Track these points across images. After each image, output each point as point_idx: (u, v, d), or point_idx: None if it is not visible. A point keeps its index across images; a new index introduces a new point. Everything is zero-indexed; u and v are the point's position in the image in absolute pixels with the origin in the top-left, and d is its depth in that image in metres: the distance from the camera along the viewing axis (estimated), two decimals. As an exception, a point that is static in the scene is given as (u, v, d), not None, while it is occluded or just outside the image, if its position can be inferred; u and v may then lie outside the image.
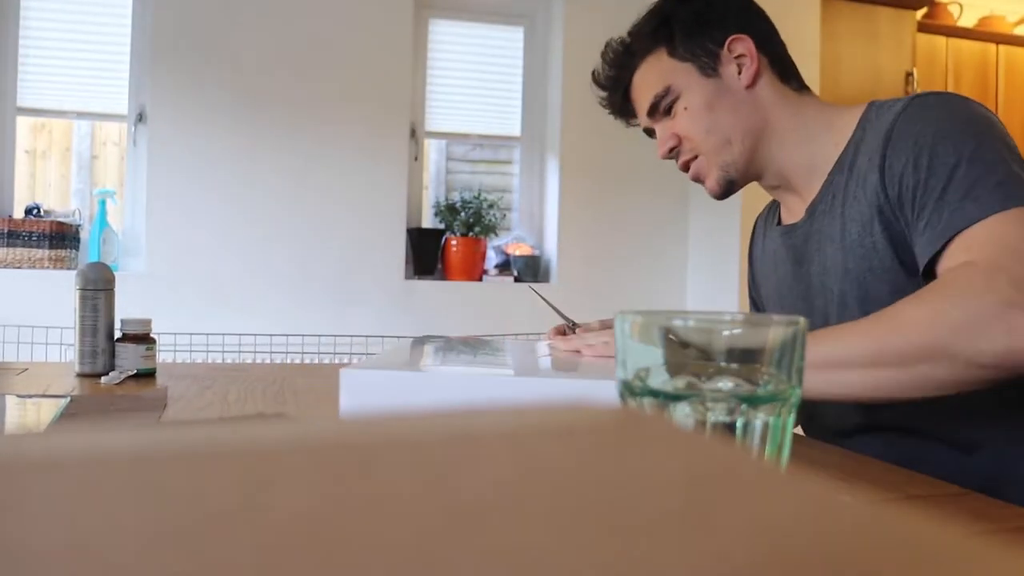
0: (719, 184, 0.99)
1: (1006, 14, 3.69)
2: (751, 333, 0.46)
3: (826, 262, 0.93)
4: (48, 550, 0.12)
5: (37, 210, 2.67)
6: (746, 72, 0.96)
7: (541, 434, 0.21)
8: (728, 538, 0.14)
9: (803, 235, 0.97)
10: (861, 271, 0.87)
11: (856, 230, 0.88)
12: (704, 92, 0.96)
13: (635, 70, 1.01)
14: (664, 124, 1.01)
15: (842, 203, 0.91)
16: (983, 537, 0.14)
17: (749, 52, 0.96)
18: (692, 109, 0.97)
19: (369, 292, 2.80)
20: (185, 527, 0.14)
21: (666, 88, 0.98)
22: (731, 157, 0.97)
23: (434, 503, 0.15)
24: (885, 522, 0.15)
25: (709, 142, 0.97)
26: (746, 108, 0.96)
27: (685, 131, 0.98)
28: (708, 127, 0.96)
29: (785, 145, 0.97)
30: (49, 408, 0.86)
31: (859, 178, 0.89)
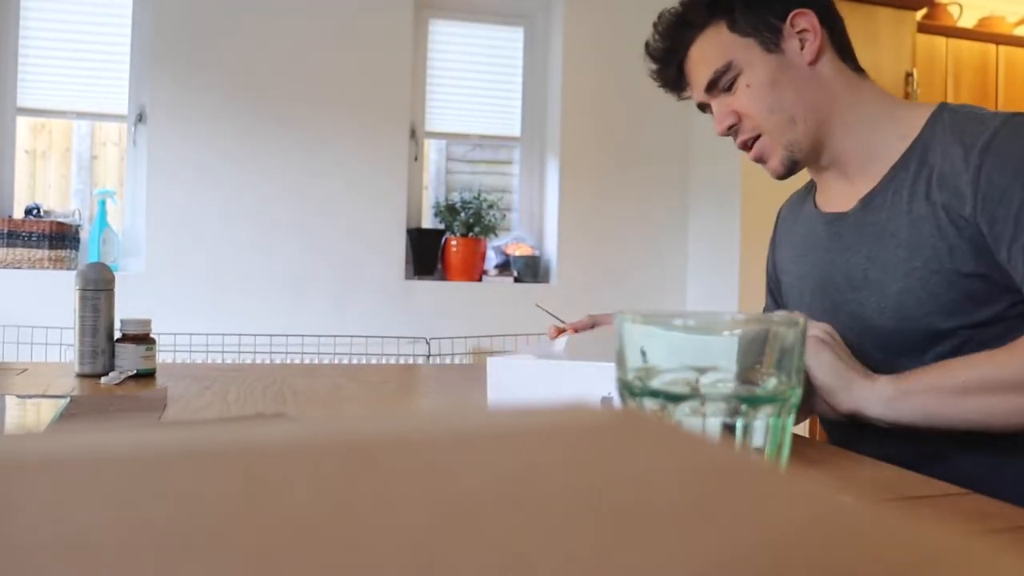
0: (784, 164, 0.96)
1: (1006, 15, 3.69)
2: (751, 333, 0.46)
3: (880, 256, 0.91)
4: (48, 550, 0.12)
5: (37, 210, 2.67)
6: (809, 48, 0.94)
7: (541, 434, 0.21)
8: (728, 539, 0.14)
9: (852, 224, 0.95)
10: (929, 272, 0.86)
11: (928, 231, 0.86)
12: (767, 68, 0.93)
13: (692, 43, 0.97)
14: (722, 100, 0.97)
15: (908, 200, 0.89)
16: (983, 537, 0.14)
17: (812, 27, 0.94)
18: (755, 86, 0.94)
19: (369, 292, 2.80)
20: (185, 527, 0.14)
21: (727, 63, 0.94)
22: (795, 136, 0.94)
23: (434, 503, 0.15)
24: (885, 522, 0.15)
25: (772, 121, 0.94)
26: (810, 85, 0.94)
27: (746, 109, 0.95)
28: (771, 105, 0.94)
29: (847, 127, 0.95)
30: (49, 408, 0.86)
31: (933, 180, 0.87)
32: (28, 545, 0.13)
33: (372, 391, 1.08)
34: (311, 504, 0.15)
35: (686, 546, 0.14)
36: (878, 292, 0.91)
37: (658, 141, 3.06)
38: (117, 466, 0.17)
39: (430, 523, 0.14)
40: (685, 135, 3.09)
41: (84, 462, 0.17)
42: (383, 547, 0.13)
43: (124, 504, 0.15)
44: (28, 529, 0.13)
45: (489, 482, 0.17)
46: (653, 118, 3.04)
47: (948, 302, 0.85)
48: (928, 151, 0.89)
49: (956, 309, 0.85)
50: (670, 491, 0.17)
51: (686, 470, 0.19)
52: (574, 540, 0.14)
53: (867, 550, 0.14)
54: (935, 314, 0.86)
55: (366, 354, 2.69)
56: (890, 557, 0.13)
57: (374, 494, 0.16)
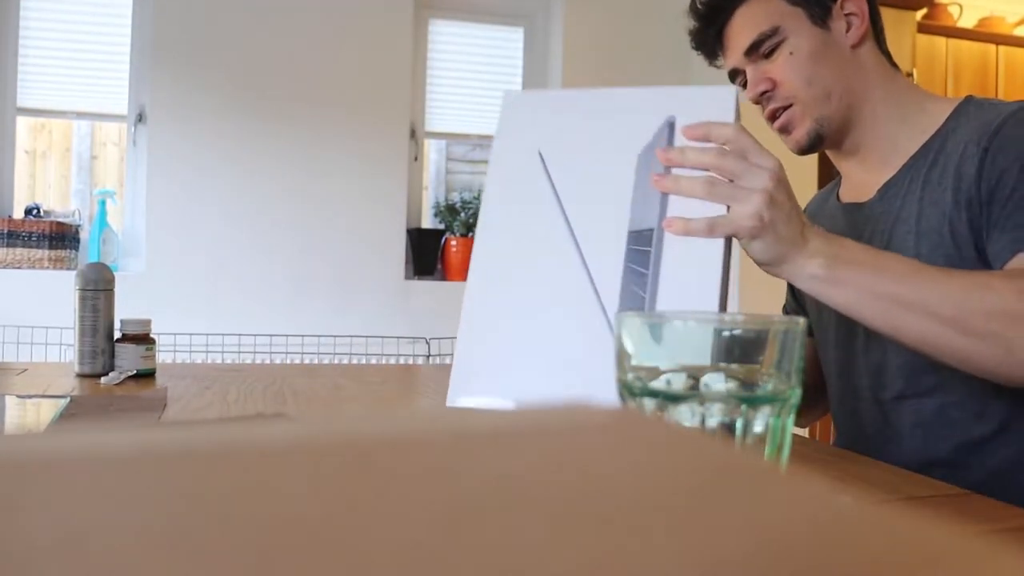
0: (808, 137, 0.95)
1: (1006, 15, 3.69)
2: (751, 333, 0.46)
3: (893, 244, 0.91)
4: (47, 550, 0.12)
5: (37, 210, 2.67)
6: (855, 31, 0.94)
7: (539, 435, 0.21)
8: (727, 539, 0.14)
9: (870, 214, 0.96)
10: (934, 258, 0.86)
11: (935, 217, 0.87)
12: (812, 40, 0.93)
13: (740, 4, 0.96)
14: (759, 66, 0.96)
15: (921, 187, 0.89)
16: (984, 537, 0.14)
17: (860, 11, 0.94)
18: (798, 55, 0.93)
19: (369, 292, 2.80)
20: (184, 527, 0.14)
21: (774, 28, 0.93)
22: (828, 111, 0.94)
23: (433, 503, 0.15)
24: (885, 523, 0.15)
25: (809, 93, 0.93)
26: (850, 67, 0.94)
27: (784, 76, 0.94)
28: (810, 77, 0.93)
29: (877, 116, 0.95)
30: (49, 408, 0.86)
31: (946, 166, 0.87)
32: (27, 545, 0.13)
33: (372, 391, 1.08)
34: (310, 504, 0.15)
35: (685, 547, 0.14)
36: None
37: (658, 141, 3.05)
38: (117, 466, 0.17)
39: (429, 523, 0.14)
40: (685, 135, 3.08)
41: (84, 462, 0.17)
42: (382, 547, 0.13)
43: (123, 504, 0.15)
44: (27, 529, 0.13)
45: (488, 482, 0.17)
46: (653, 118, 3.04)
47: None
48: (947, 141, 0.89)
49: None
50: (669, 491, 0.17)
51: (685, 470, 0.19)
52: (573, 541, 0.14)
53: (867, 551, 0.14)
54: None
55: (366, 354, 2.69)
56: (890, 558, 0.13)
57: (373, 494, 0.16)
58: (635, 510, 0.15)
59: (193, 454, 0.18)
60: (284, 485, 0.16)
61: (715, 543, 0.14)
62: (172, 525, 0.14)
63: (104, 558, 0.12)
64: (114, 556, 0.12)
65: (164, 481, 0.16)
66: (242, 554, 0.13)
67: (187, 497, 0.15)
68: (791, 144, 0.97)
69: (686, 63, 3.07)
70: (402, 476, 0.17)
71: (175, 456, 0.18)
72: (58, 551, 0.12)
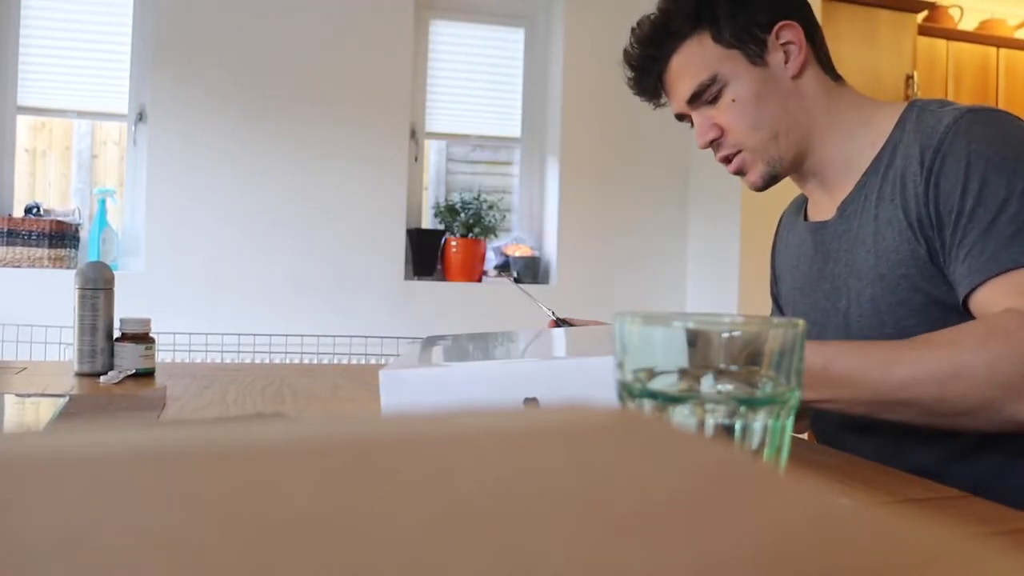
0: (763, 179, 0.96)
1: (1007, 17, 3.69)
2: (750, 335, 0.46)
3: (855, 264, 0.91)
4: (46, 549, 0.12)
5: (37, 209, 2.66)
6: (794, 61, 0.92)
7: (539, 435, 0.21)
8: (726, 541, 0.14)
9: (832, 233, 0.95)
10: (896, 277, 0.85)
11: (892, 235, 0.86)
12: (753, 82, 0.92)
13: (674, 52, 0.94)
14: (705, 113, 0.95)
15: (875, 205, 0.89)
16: (982, 540, 0.14)
17: (798, 40, 0.92)
18: (740, 101, 0.92)
19: (369, 292, 2.80)
20: (183, 526, 0.14)
21: (712, 76, 0.92)
22: (777, 152, 0.93)
23: (432, 503, 0.15)
24: (884, 525, 0.15)
25: (756, 138, 0.93)
26: (793, 100, 0.93)
27: (730, 124, 0.93)
28: (755, 122, 0.92)
29: (825, 141, 0.94)
30: (48, 407, 0.86)
31: (896, 182, 0.86)
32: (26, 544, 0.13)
33: (371, 391, 1.08)
34: (309, 504, 0.15)
35: (684, 548, 0.14)
36: (856, 300, 0.90)
37: (658, 143, 3.06)
38: (116, 466, 0.17)
39: (428, 523, 0.14)
40: (685, 136, 3.09)
41: (82, 461, 0.17)
42: (381, 548, 0.13)
43: (122, 504, 0.15)
44: (26, 528, 0.13)
45: (487, 483, 0.17)
46: (653, 120, 3.03)
47: (918, 307, 0.84)
48: (895, 153, 0.88)
49: (927, 314, 0.84)
50: (669, 493, 0.17)
51: (685, 472, 0.19)
52: (573, 542, 0.14)
53: (866, 553, 0.14)
54: (907, 320, 0.85)
55: (366, 354, 2.69)
56: (889, 560, 0.13)
57: (372, 494, 0.16)
58: (634, 511, 0.15)
59: (192, 454, 0.18)
60: (283, 485, 0.16)
61: (714, 545, 0.14)
62: (170, 525, 0.14)
63: (103, 558, 0.12)
64: (113, 556, 0.12)
65: (163, 481, 0.16)
66: (241, 554, 0.13)
67: (186, 497, 0.15)
68: (748, 184, 0.97)
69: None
70: (401, 476, 0.17)
71: (174, 456, 0.18)
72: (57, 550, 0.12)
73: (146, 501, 0.15)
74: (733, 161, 0.96)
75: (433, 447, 0.19)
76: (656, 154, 3.06)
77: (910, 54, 3.12)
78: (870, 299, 0.88)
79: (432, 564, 0.12)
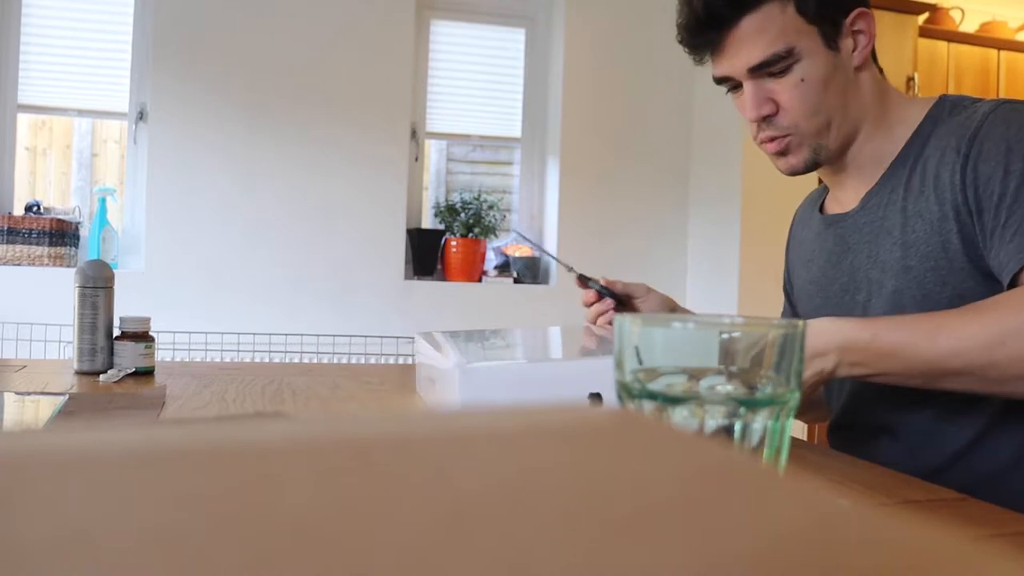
0: (804, 164, 0.92)
1: (1008, 20, 3.69)
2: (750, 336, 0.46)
3: (878, 254, 0.89)
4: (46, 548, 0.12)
5: (37, 207, 2.66)
6: (860, 52, 0.89)
7: (539, 435, 0.21)
8: (725, 541, 0.14)
9: (853, 225, 0.94)
10: (923, 270, 0.84)
11: (922, 227, 0.85)
12: (824, 66, 0.87)
13: (750, 11, 0.86)
14: (764, 85, 0.89)
15: (903, 197, 0.87)
16: (981, 542, 0.14)
17: (869, 30, 0.89)
18: (808, 82, 0.87)
19: (369, 292, 2.80)
20: (183, 526, 0.14)
21: (788, 49, 0.86)
22: (826, 141, 0.90)
23: (431, 503, 0.15)
24: (883, 526, 0.15)
25: (812, 123, 0.89)
26: (851, 92, 0.90)
27: (791, 104, 0.88)
28: (816, 107, 0.88)
29: (869, 136, 0.92)
30: (47, 406, 0.86)
31: (925, 173, 0.85)
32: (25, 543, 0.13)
33: (371, 391, 1.08)
34: (309, 504, 0.15)
35: (683, 548, 0.14)
36: (877, 292, 0.90)
37: (659, 143, 3.06)
38: (114, 464, 0.17)
39: (427, 523, 0.14)
40: (686, 137, 3.09)
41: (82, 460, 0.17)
42: (380, 548, 0.13)
43: (121, 502, 0.15)
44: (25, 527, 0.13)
45: (486, 483, 0.17)
46: (654, 120, 3.04)
47: (942, 301, 0.83)
48: (925, 146, 0.87)
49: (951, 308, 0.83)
50: (668, 493, 0.17)
51: (684, 472, 0.19)
52: (572, 542, 0.14)
53: (864, 554, 0.14)
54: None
55: (365, 354, 2.69)
56: (887, 561, 0.13)
57: (372, 494, 0.16)
58: (633, 512, 0.15)
59: (191, 453, 0.18)
60: (282, 484, 0.16)
61: (713, 545, 0.14)
62: (169, 524, 0.14)
63: (102, 557, 0.12)
64: (112, 555, 0.12)
65: (162, 480, 0.16)
66: (240, 553, 0.13)
67: (185, 496, 0.15)
68: (782, 167, 0.94)
69: (688, 64, 3.07)
70: (401, 476, 0.17)
71: (173, 455, 0.18)
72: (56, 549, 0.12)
73: (145, 500, 0.15)
74: (777, 141, 0.91)
75: (433, 447, 0.19)
76: (656, 154, 3.06)
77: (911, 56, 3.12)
78: (893, 291, 0.87)
79: (432, 564, 0.12)
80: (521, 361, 0.83)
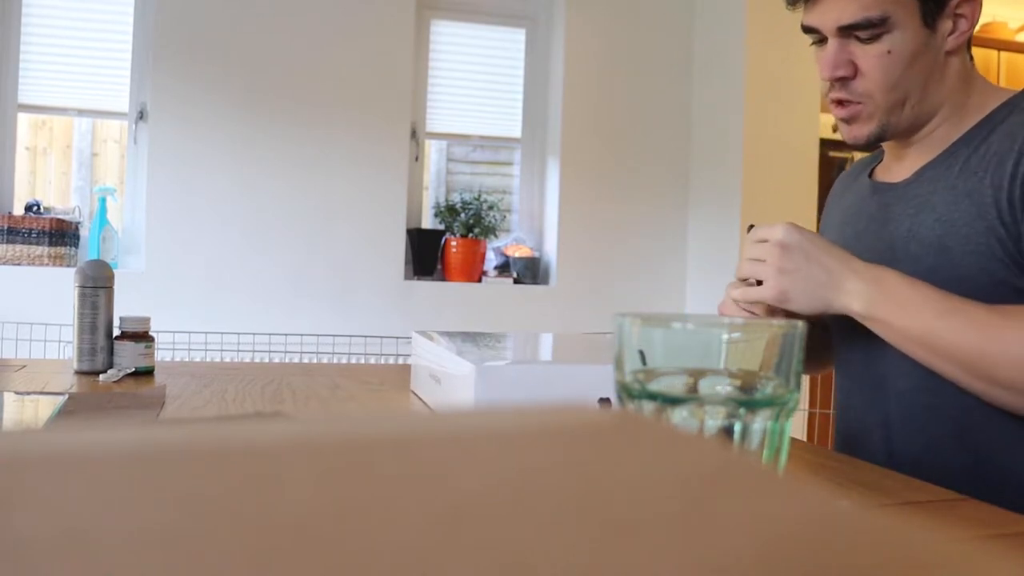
0: (868, 138, 0.90)
1: (1008, 20, 3.69)
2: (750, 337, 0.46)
3: (918, 230, 0.88)
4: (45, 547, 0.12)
5: (37, 207, 2.66)
6: (957, 36, 0.86)
7: (539, 436, 0.21)
8: (725, 542, 0.14)
9: (900, 195, 0.92)
10: (963, 252, 0.83)
11: (969, 208, 0.83)
12: (915, 41, 0.85)
13: None
14: (847, 47, 0.86)
15: (958, 175, 0.86)
16: (981, 542, 0.14)
17: (972, 16, 0.86)
18: (895, 55, 0.85)
19: (369, 292, 2.80)
20: (182, 526, 0.14)
21: (883, 17, 0.84)
22: (897, 119, 0.88)
23: (431, 504, 0.15)
24: (883, 527, 0.15)
25: (888, 97, 0.87)
26: (936, 75, 0.87)
27: (871, 72, 0.86)
28: (896, 82, 0.86)
29: (942, 119, 0.90)
30: (47, 405, 0.86)
31: (988, 156, 0.83)
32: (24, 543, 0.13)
33: (370, 391, 1.08)
34: (308, 503, 0.15)
35: (683, 549, 0.14)
36: (912, 266, 0.87)
37: (659, 143, 3.06)
38: (114, 464, 0.17)
39: (427, 524, 0.14)
40: (686, 137, 3.09)
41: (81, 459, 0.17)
42: (380, 548, 0.13)
43: (121, 502, 0.15)
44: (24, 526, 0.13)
45: (486, 483, 0.17)
46: (654, 120, 3.04)
47: (981, 286, 0.82)
48: (992, 132, 0.85)
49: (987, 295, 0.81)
50: (667, 493, 0.17)
51: (683, 473, 0.19)
52: (571, 542, 0.14)
53: (864, 554, 0.14)
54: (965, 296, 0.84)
55: (365, 354, 2.69)
56: (887, 562, 0.13)
57: (372, 494, 0.16)
58: (633, 512, 0.15)
59: (191, 453, 0.18)
60: (282, 484, 0.16)
61: (712, 546, 0.14)
62: (169, 523, 0.14)
63: (101, 556, 0.12)
64: (111, 555, 0.12)
65: (161, 479, 0.16)
66: (239, 553, 0.13)
67: (184, 496, 0.15)
68: (846, 134, 0.92)
69: (687, 65, 3.08)
70: (400, 476, 0.17)
71: (172, 454, 0.18)
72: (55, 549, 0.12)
73: (144, 500, 0.15)
74: (848, 107, 0.89)
75: (433, 447, 0.19)
76: (656, 154, 3.06)
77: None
78: (929, 268, 0.85)
79: (431, 564, 0.12)
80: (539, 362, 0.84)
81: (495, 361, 0.75)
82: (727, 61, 2.84)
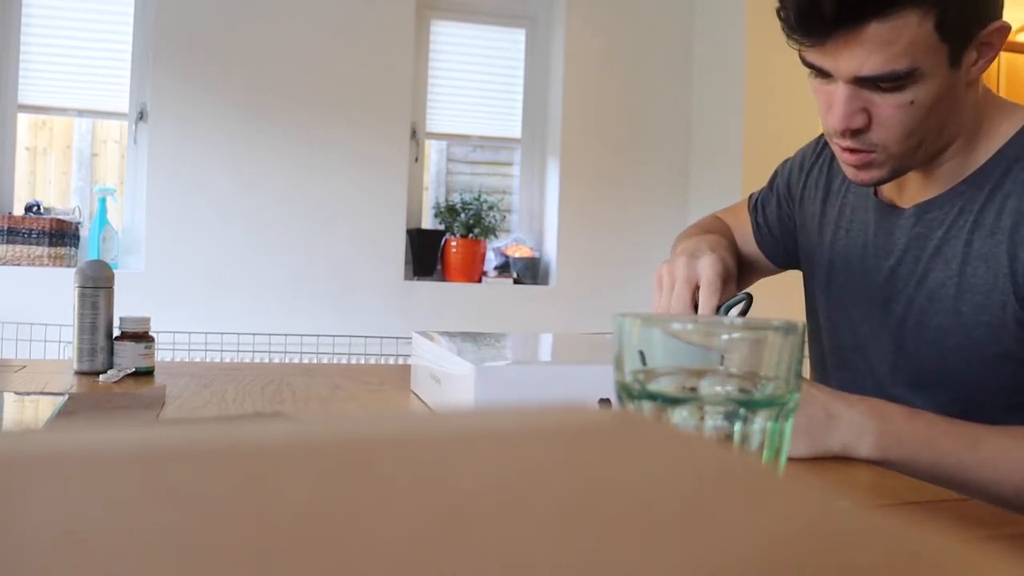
0: (876, 182, 0.83)
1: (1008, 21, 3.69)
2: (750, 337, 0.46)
3: (927, 283, 0.82)
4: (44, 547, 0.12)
5: (37, 207, 2.66)
6: (981, 67, 0.78)
7: (538, 436, 0.21)
8: (725, 542, 0.14)
9: (903, 228, 0.85)
10: (976, 322, 0.77)
11: (985, 274, 0.77)
12: (940, 87, 0.75)
13: (883, 15, 0.71)
14: (864, 95, 0.76)
15: (971, 229, 0.78)
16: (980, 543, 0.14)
17: (998, 44, 0.77)
18: (917, 105, 0.75)
19: (369, 292, 2.80)
20: (182, 526, 0.14)
21: (911, 69, 0.73)
22: (912, 161, 0.81)
23: (430, 504, 0.15)
24: (882, 527, 0.15)
25: (903, 145, 0.78)
26: (955, 108, 0.79)
27: (890, 123, 0.76)
28: (914, 129, 0.77)
29: (955, 148, 0.82)
30: (47, 405, 0.86)
31: (1002, 211, 0.77)
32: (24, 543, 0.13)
33: (370, 391, 1.08)
34: (308, 503, 0.15)
35: (682, 549, 0.14)
36: (919, 320, 0.82)
37: (659, 144, 3.06)
38: (114, 464, 0.17)
39: (427, 523, 0.14)
40: (686, 137, 3.09)
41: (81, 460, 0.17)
42: (379, 548, 0.13)
43: (121, 502, 0.15)
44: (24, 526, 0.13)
45: (486, 483, 0.17)
46: (654, 120, 3.04)
47: (990, 357, 0.77)
48: (1008, 173, 0.77)
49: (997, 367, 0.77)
50: (667, 494, 0.17)
51: (683, 473, 0.19)
52: (570, 542, 0.14)
53: (863, 554, 0.14)
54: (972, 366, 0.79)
55: (365, 354, 2.69)
56: (887, 562, 0.13)
57: (372, 494, 0.16)
58: (633, 512, 0.15)
59: (191, 453, 0.18)
60: (281, 484, 0.16)
61: (712, 546, 0.14)
62: (168, 524, 0.14)
63: (101, 556, 0.12)
64: (110, 554, 0.12)
65: (161, 479, 0.16)
66: (239, 553, 0.13)
67: (184, 496, 0.15)
68: (853, 177, 0.83)
69: (687, 66, 3.08)
70: (400, 476, 0.17)
71: (172, 455, 0.18)
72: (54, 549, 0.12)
73: (144, 500, 0.15)
74: (858, 155, 0.80)
75: (433, 447, 0.19)
76: (656, 154, 3.06)
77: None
78: (937, 328, 0.80)
79: (431, 564, 0.12)
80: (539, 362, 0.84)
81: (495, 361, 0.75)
82: (727, 61, 2.83)
